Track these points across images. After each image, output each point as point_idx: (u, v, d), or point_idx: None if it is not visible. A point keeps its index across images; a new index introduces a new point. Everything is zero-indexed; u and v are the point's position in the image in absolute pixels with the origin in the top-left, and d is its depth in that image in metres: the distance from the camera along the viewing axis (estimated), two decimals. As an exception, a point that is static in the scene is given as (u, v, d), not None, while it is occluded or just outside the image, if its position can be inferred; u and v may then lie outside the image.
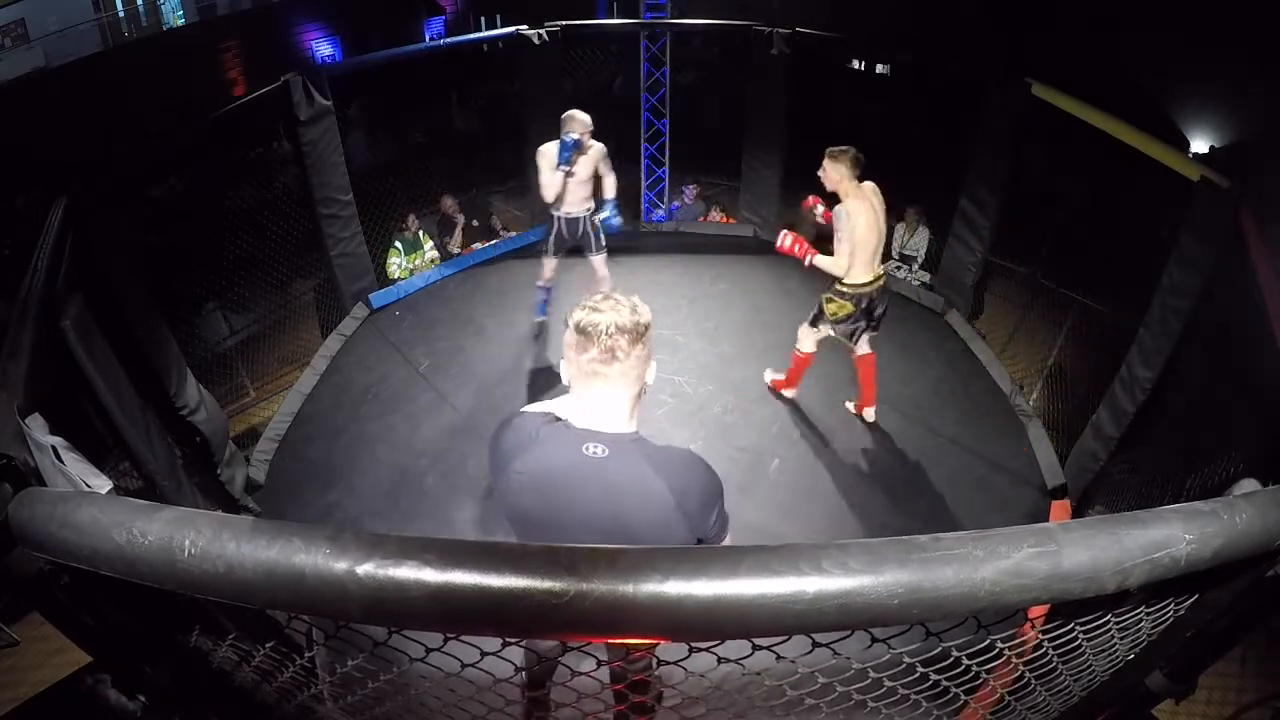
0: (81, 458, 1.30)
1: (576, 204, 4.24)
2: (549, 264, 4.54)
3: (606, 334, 1.39)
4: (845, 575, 0.68)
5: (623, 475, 1.44)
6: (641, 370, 1.47)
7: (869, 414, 4.21)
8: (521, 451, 1.49)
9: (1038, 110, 4.31)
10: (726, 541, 1.61)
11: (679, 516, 1.45)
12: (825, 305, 3.77)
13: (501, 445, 1.53)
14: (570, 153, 3.95)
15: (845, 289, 3.63)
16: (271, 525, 0.74)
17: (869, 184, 3.51)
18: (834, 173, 3.44)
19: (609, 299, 1.45)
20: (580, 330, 1.41)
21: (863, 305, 3.68)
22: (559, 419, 1.52)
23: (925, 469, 3.94)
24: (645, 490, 1.44)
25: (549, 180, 4.07)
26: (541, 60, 5.47)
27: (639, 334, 1.41)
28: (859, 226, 3.44)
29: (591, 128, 4.01)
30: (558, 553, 0.70)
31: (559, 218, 4.28)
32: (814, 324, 3.92)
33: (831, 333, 3.88)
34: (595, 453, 1.44)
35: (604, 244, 4.41)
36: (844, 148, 3.44)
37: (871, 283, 3.62)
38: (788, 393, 4.34)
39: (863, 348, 3.96)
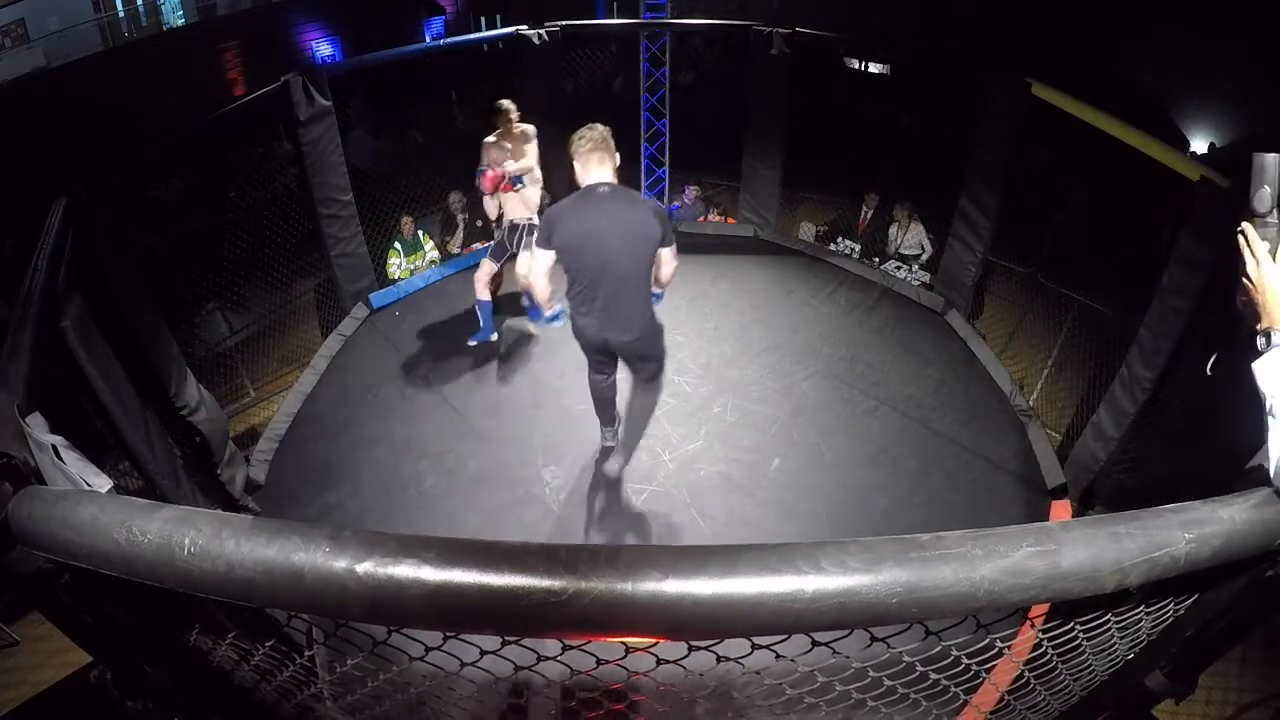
0: (81, 457, 1.29)
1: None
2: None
3: (592, 131, 2.82)
4: (844, 574, 0.68)
5: (624, 197, 2.85)
6: (614, 149, 2.86)
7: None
8: (566, 210, 2.82)
9: (1038, 110, 4.31)
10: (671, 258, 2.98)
11: (656, 218, 2.84)
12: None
13: (551, 220, 2.83)
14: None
15: None
16: (271, 524, 0.74)
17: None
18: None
19: (586, 126, 2.85)
20: (580, 138, 2.82)
21: None
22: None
23: (925, 469, 3.94)
24: (636, 202, 2.88)
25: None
26: (542, 60, 5.47)
27: (607, 132, 2.85)
28: None
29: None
30: (557, 551, 0.70)
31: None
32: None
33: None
34: (605, 190, 2.82)
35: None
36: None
37: None
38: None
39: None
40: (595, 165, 2.81)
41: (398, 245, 5.53)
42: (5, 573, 0.83)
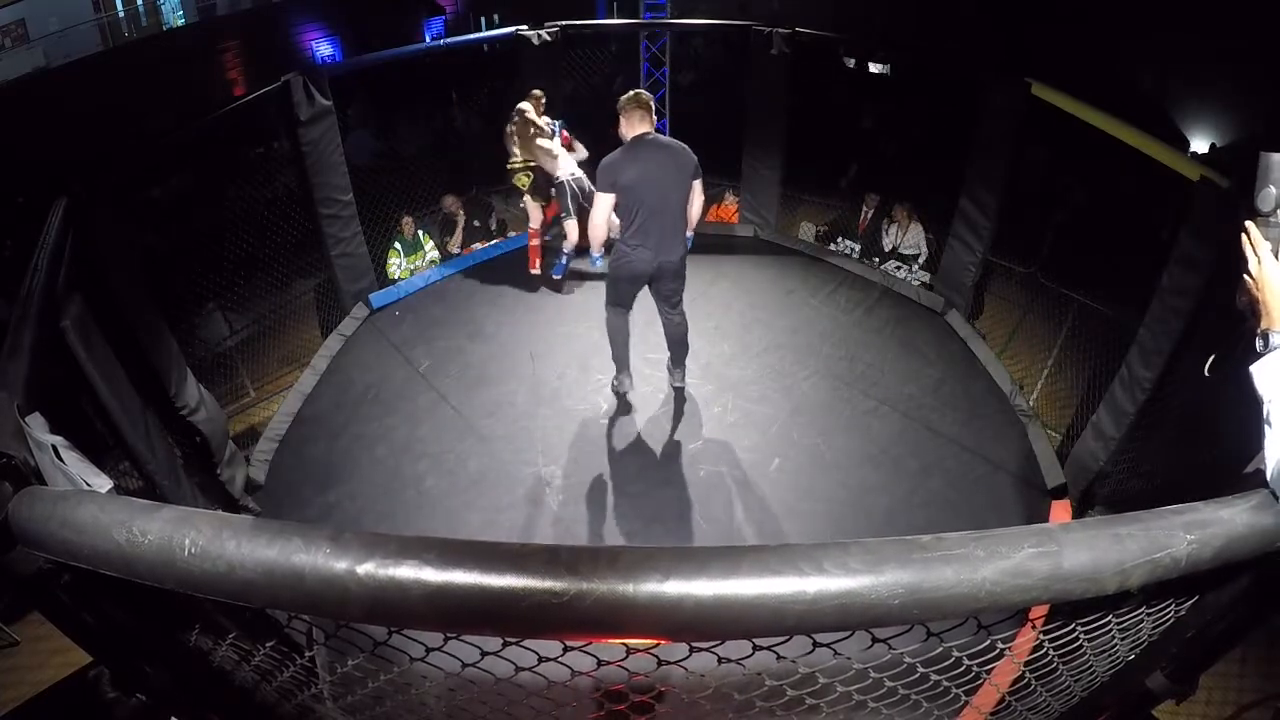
0: (82, 457, 1.29)
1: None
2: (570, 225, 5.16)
3: (637, 95, 3.50)
4: (846, 575, 0.68)
5: (662, 141, 3.54)
6: (654, 110, 3.53)
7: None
8: (621, 157, 3.41)
9: (1038, 110, 4.31)
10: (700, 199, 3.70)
11: (689, 155, 3.51)
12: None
13: (612, 168, 3.39)
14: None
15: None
16: (272, 525, 0.74)
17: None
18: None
19: (632, 91, 3.58)
20: (626, 99, 3.48)
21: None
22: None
23: (925, 469, 3.94)
24: (672, 144, 3.54)
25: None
26: (542, 60, 5.47)
27: (650, 97, 3.56)
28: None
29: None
30: (558, 552, 0.70)
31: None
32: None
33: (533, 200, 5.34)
34: (649, 138, 3.45)
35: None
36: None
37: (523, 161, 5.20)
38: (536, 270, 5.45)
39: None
40: (638, 121, 3.46)
41: (398, 245, 5.53)
42: (5, 573, 0.83)
